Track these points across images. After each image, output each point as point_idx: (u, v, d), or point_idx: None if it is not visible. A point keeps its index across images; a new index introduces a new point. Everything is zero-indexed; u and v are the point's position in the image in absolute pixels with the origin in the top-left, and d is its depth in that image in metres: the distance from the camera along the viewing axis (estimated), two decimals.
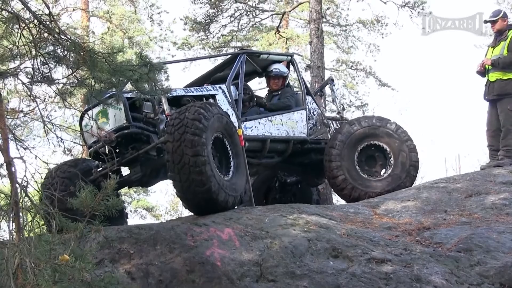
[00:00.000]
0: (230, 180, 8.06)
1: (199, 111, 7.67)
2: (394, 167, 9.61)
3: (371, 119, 9.82)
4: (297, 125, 9.85)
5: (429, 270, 6.76)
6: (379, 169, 9.78)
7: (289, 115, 9.81)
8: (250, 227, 7.50)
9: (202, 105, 7.90)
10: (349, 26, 27.06)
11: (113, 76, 5.33)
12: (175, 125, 7.58)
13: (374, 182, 9.58)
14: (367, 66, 27.86)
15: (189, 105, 7.91)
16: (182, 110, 7.79)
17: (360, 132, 9.64)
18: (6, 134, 4.62)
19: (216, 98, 8.93)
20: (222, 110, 8.44)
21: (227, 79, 9.25)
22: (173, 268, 6.71)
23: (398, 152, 9.62)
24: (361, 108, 28.07)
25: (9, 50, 5.36)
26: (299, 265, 6.83)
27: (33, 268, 4.04)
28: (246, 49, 10.84)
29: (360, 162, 9.65)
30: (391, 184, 9.52)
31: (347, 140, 9.49)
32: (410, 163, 9.63)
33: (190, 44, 25.18)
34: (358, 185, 9.42)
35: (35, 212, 4.40)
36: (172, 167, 7.53)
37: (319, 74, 16.86)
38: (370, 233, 7.57)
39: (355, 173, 9.48)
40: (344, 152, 9.47)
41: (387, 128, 9.69)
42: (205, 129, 7.58)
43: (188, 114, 7.63)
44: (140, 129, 8.20)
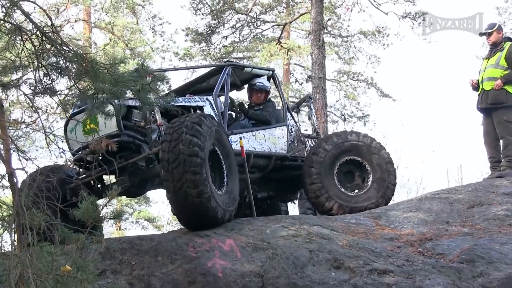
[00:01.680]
0: (223, 195, 7.86)
1: (200, 118, 7.62)
2: (373, 180, 9.56)
3: (358, 135, 9.77)
4: (278, 141, 9.74)
5: (432, 281, 6.74)
6: (359, 184, 9.70)
7: (272, 130, 9.70)
8: (251, 238, 7.49)
9: (204, 115, 7.86)
10: (350, 37, 27.18)
11: (115, 87, 5.33)
12: (175, 127, 7.47)
13: (356, 197, 9.51)
14: (368, 77, 27.97)
15: (191, 114, 7.87)
16: (184, 117, 7.70)
17: (345, 145, 9.56)
18: (8, 145, 4.63)
19: (204, 110, 8.79)
20: (220, 124, 8.38)
21: (214, 91, 9.11)
22: (175, 279, 6.69)
23: (378, 178, 9.56)
24: (363, 119, 28.15)
25: (11, 62, 5.37)
26: (300, 276, 6.82)
27: (35, 279, 4.04)
28: (231, 62, 10.70)
29: (339, 175, 9.56)
30: (358, 203, 9.39)
31: (331, 150, 9.43)
32: (387, 185, 9.56)
33: (191, 55, 25.28)
34: (333, 196, 9.30)
35: (37, 224, 4.40)
36: (166, 167, 7.32)
37: (321, 85, 16.88)
38: (372, 244, 7.56)
39: (333, 184, 9.41)
40: (326, 161, 9.37)
41: (372, 146, 9.65)
42: (204, 134, 7.50)
43: (189, 118, 7.55)
44: (131, 137, 7.97)
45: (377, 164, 9.55)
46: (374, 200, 9.40)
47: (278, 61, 28.23)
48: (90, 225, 4.75)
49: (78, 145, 7.96)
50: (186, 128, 7.39)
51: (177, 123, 7.53)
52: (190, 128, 7.40)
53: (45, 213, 4.60)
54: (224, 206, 7.68)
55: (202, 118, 7.65)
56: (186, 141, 7.28)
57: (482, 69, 10.54)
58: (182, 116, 7.76)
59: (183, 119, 7.57)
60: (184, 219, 7.71)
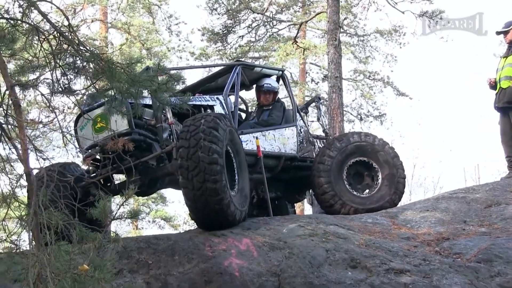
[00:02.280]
0: (236, 195, 7.83)
1: (216, 121, 7.50)
2: (382, 184, 9.51)
3: (360, 135, 9.73)
4: (288, 141, 9.70)
5: (449, 280, 6.71)
6: (369, 183, 9.66)
7: (281, 131, 9.66)
8: (268, 238, 7.49)
9: (217, 115, 7.77)
10: (366, 36, 27.08)
11: (132, 87, 5.35)
12: (191, 131, 7.34)
13: (370, 197, 9.47)
14: (385, 76, 27.87)
15: (204, 114, 7.75)
16: (198, 118, 7.57)
17: (349, 148, 9.50)
18: (25, 145, 4.65)
19: (214, 109, 8.74)
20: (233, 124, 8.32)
21: (224, 90, 9.06)
22: (191, 279, 6.71)
23: (387, 174, 9.52)
24: (379, 118, 28.07)
25: (29, 62, 5.40)
26: (317, 275, 6.81)
27: (53, 278, 4.06)
28: (241, 61, 10.60)
29: (348, 178, 9.52)
30: (373, 203, 9.36)
31: (336, 156, 9.37)
32: (398, 180, 9.52)
33: (207, 55, 25.31)
34: (347, 201, 9.26)
35: (55, 223, 4.42)
36: (185, 174, 7.23)
37: (337, 84, 16.85)
38: (388, 243, 7.54)
39: (345, 189, 9.36)
40: (333, 168, 9.32)
41: (375, 144, 9.60)
42: (221, 138, 7.41)
43: (204, 122, 7.43)
44: (142, 136, 7.90)
45: (384, 161, 9.51)
46: (388, 198, 9.38)
47: (294, 61, 28.23)
48: (108, 225, 4.76)
49: (89, 143, 7.92)
50: (203, 134, 7.28)
51: (192, 127, 7.41)
52: (208, 133, 7.29)
53: (63, 212, 4.62)
54: (239, 207, 7.68)
55: (218, 121, 7.54)
56: (205, 148, 7.20)
57: (499, 68, 10.45)
58: (196, 118, 7.62)
59: (198, 122, 7.44)
60: (203, 223, 7.68)
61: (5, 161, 5.11)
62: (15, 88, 4.83)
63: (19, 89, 5.14)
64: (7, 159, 5.15)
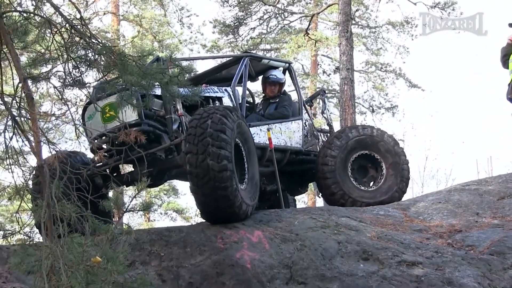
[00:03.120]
0: (245, 189, 7.75)
1: (223, 121, 7.32)
2: (387, 174, 9.46)
3: (357, 130, 9.67)
4: (294, 135, 9.62)
5: (461, 273, 6.70)
6: (373, 175, 9.62)
7: (288, 124, 9.56)
8: (279, 230, 7.50)
9: (224, 112, 7.53)
10: (378, 27, 26.98)
11: (144, 79, 5.35)
12: (198, 135, 7.20)
13: (378, 190, 9.42)
14: (397, 68, 27.76)
15: (210, 111, 7.49)
16: (203, 117, 7.38)
17: (349, 145, 9.43)
18: (38, 137, 4.67)
19: (223, 101, 8.65)
20: (241, 114, 8.23)
21: (232, 82, 8.95)
22: (203, 271, 6.73)
23: (391, 163, 9.47)
24: (391, 110, 27.99)
25: (41, 55, 5.42)
26: (329, 267, 6.81)
27: (66, 270, 4.08)
28: (249, 52, 10.47)
29: (353, 174, 9.47)
30: (382, 195, 9.32)
31: (338, 155, 9.29)
32: (402, 167, 9.47)
33: (219, 47, 25.30)
34: (357, 198, 9.21)
35: (68, 215, 4.44)
36: (195, 181, 7.18)
37: (349, 76, 16.81)
38: (400, 235, 7.53)
39: (352, 186, 9.31)
40: (337, 167, 9.26)
41: (374, 135, 9.54)
42: (229, 141, 7.28)
43: (211, 124, 7.26)
44: (152, 127, 7.76)
45: (385, 151, 9.46)
46: (396, 187, 9.37)
47: (306, 53, 28.17)
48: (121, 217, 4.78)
49: (96, 132, 7.79)
50: (211, 139, 7.15)
51: (199, 130, 7.24)
52: (215, 138, 7.16)
53: (76, 204, 4.64)
54: (250, 201, 7.64)
55: (225, 120, 7.36)
56: (214, 155, 7.09)
57: (511, 60, 10.38)
58: (202, 116, 7.42)
59: (205, 124, 7.27)
60: (208, 214, 7.59)
61: (18, 154, 5.13)
62: (27, 80, 4.85)
63: (31, 82, 5.15)
64: (20, 151, 5.17)
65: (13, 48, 4.93)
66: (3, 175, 6.36)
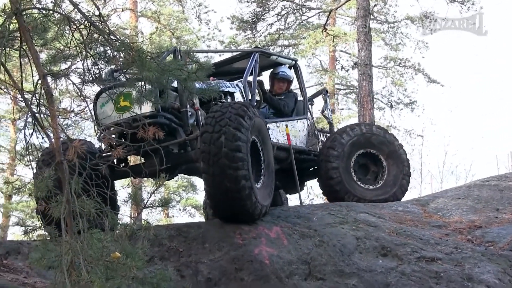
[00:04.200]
0: (260, 189, 7.58)
1: (243, 109, 7.32)
2: (387, 178, 9.36)
3: (347, 133, 9.50)
4: (299, 134, 9.49)
5: (481, 269, 6.67)
6: (374, 170, 9.53)
7: (294, 123, 9.43)
8: (298, 226, 7.50)
9: (245, 104, 7.56)
10: (397, 22, 26.84)
11: (162, 76, 5.36)
12: (216, 117, 7.14)
13: (385, 185, 9.34)
14: (416, 63, 27.61)
15: (231, 102, 7.56)
16: (225, 105, 7.41)
17: (346, 151, 9.27)
18: (58, 134, 4.70)
19: (234, 96, 8.60)
20: (258, 110, 8.09)
21: (243, 77, 8.86)
22: (222, 266, 6.74)
23: (388, 153, 9.39)
24: (410, 105, 27.86)
25: (60, 51, 5.44)
26: (347, 263, 6.81)
27: (86, 265, 4.11)
28: (260, 48, 10.29)
29: (360, 178, 9.37)
30: (383, 194, 9.22)
31: (339, 165, 9.11)
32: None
33: (237, 43, 25.31)
34: (379, 197, 9.11)
35: (87, 211, 4.47)
36: (207, 158, 7.01)
37: (367, 72, 16.74)
38: (419, 231, 7.51)
39: (368, 192, 9.20)
40: (344, 178, 9.10)
41: (364, 133, 9.42)
42: (247, 126, 7.21)
43: (231, 109, 7.25)
44: (168, 120, 7.61)
45: (378, 143, 9.39)
46: (401, 174, 9.31)
47: (324, 48, 28.13)
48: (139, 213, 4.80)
49: (108, 121, 7.54)
50: (229, 120, 7.10)
51: (218, 113, 7.22)
52: (233, 120, 7.11)
53: (95, 200, 4.67)
54: (262, 201, 7.42)
55: (245, 109, 7.36)
56: (229, 134, 7.01)
57: None
58: (223, 105, 7.47)
59: (225, 109, 7.27)
60: (221, 212, 7.46)
61: (38, 150, 5.16)
62: (47, 77, 4.88)
63: (51, 79, 5.18)
64: (40, 148, 5.20)
65: (33, 45, 4.96)
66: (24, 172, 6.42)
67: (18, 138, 24.54)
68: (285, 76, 9.72)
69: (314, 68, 29.44)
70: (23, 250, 6.76)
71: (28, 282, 5.73)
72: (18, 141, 24.42)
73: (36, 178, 7.25)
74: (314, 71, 29.45)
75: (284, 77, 9.71)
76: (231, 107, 7.29)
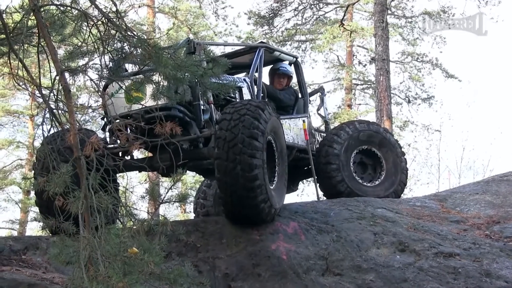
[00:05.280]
0: (274, 190, 7.43)
1: (264, 104, 7.27)
2: (387, 175, 9.27)
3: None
4: (300, 132, 9.24)
5: (499, 264, 6.63)
6: (371, 164, 9.43)
7: (296, 121, 9.23)
8: (315, 221, 7.49)
9: (261, 104, 7.34)
10: (414, 17, 26.69)
11: (179, 72, 5.37)
12: (236, 106, 7.14)
13: (387, 178, 9.25)
14: (433, 58, 27.46)
15: (242, 111, 7.18)
16: (246, 100, 7.36)
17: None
18: (75, 129, 4.72)
19: (242, 91, 8.42)
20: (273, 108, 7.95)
21: (250, 72, 8.73)
22: (239, 262, 6.75)
23: (378, 144, 9.29)
24: (427, 100, 27.73)
25: (78, 48, 5.47)
26: (365, 258, 6.79)
27: (103, 260, 4.13)
28: (264, 43, 10.13)
29: (361, 177, 9.26)
30: (383, 191, 9.11)
31: (339, 169, 8.95)
32: (393, 145, 9.32)
33: (254, 39, 25.29)
34: (353, 188, 8.92)
35: (105, 206, 4.49)
36: (222, 144, 6.87)
37: (384, 67, 16.70)
38: (437, 227, 7.47)
39: (372, 189, 9.10)
40: (346, 179, 8.96)
41: (353, 133, 9.25)
42: (266, 119, 7.12)
43: (252, 101, 7.23)
44: (182, 113, 7.41)
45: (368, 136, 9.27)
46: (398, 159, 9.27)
47: (341, 43, 28.08)
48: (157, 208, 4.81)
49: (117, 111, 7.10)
50: (248, 110, 7.05)
51: (238, 103, 7.23)
52: (253, 110, 7.05)
53: (112, 196, 4.68)
54: (273, 202, 7.23)
55: (266, 104, 7.34)
56: (248, 122, 6.93)
57: None
58: (244, 100, 7.44)
59: (246, 101, 7.27)
60: (229, 202, 7.13)
61: (55, 146, 5.19)
62: (64, 73, 4.90)
63: (68, 75, 5.20)
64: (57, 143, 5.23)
65: (51, 41, 4.99)
66: None
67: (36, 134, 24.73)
68: (285, 71, 9.59)
69: (331, 63, 29.39)
70: (42, 245, 6.81)
71: (46, 277, 5.77)
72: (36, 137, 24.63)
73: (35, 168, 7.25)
74: (331, 66, 29.39)
75: (284, 72, 9.58)
76: (252, 101, 7.18)
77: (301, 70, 9.87)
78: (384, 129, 9.64)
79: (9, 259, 6.38)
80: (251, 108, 7.15)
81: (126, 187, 5.87)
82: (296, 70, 9.81)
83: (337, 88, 29.51)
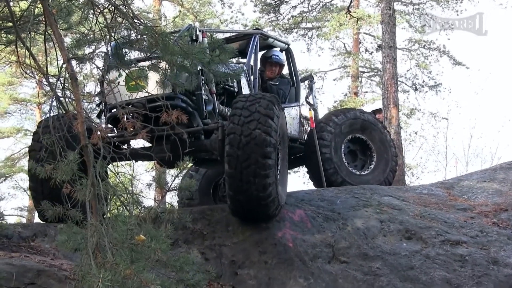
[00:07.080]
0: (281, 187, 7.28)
1: (273, 108, 6.91)
2: (377, 162, 9.24)
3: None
4: (293, 121, 9.19)
5: (507, 252, 6.63)
6: (362, 150, 9.41)
7: (289, 110, 9.10)
8: (322, 209, 7.49)
9: (272, 98, 7.12)
10: (422, 4, 26.54)
11: (185, 59, 5.36)
12: (244, 115, 6.79)
13: (380, 163, 9.24)
14: (441, 45, 27.32)
15: (259, 96, 7.10)
16: (249, 97, 7.05)
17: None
18: (82, 118, 4.72)
19: (241, 81, 8.26)
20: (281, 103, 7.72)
21: (247, 60, 8.56)
22: (245, 249, 6.77)
23: (365, 130, 9.26)
24: (434, 88, 27.62)
25: (85, 35, 5.47)
26: (371, 246, 6.80)
27: (111, 248, 4.15)
28: (260, 29, 9.97)
29: (355, 165, 9.29)
30: (375, 178, 9.09)
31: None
32: (380, 130, 9.32)
33: (260, 26, 25.21)
34: (346, 178, 8.91)
35: (112, 194, 4.50)
36: (234, 164, 6.62)
37: (391, 54, 16.61)
38: (444, 214, 7.47)
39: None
40: (340, 169, 8.93)
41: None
42: (276, 128, 6.86)
43: (259, 107, 6.83)
44: (185, 103, 7.24)
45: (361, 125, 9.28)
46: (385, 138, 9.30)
47: (348, 31, 27.94)
48: (163, 196, 4.81)
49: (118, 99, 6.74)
50: (258, 123, 6.71)
51: (246, 112, 6.83)
52: (263, 123, 6.72)
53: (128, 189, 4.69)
54: (280, 199, 7.09)
55: (273, 107, 6.95)
56: (260, 140, 6.62)
57: None
58: (248, 97, 7.08)
59: (253, 106, 6.87)
60: (241, 214, 7.13)
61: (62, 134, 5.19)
62: (71, 61, 4.90)
63: (75, 63, 5.21)
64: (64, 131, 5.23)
65: (57, 29, 4.98)
66: None
67: None
68: (278, 60, 9.51)
69: (338, 50, 29.26)
70: (50, 232, 6.84)
71: (54, 264, 5.80)
72: None
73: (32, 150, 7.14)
74: (338, 54, 29.27)
75: (277, 61, 9.50)
76: (259, 105, 6.89)
77: (293, 57, 9.75)
78: (360, 111, 9.57)
79: (18, 245, 6.42)
80: (263, 104, 6.94)
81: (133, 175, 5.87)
82: (288, 56, 9.70)
83: (344, 75, 29.41)
